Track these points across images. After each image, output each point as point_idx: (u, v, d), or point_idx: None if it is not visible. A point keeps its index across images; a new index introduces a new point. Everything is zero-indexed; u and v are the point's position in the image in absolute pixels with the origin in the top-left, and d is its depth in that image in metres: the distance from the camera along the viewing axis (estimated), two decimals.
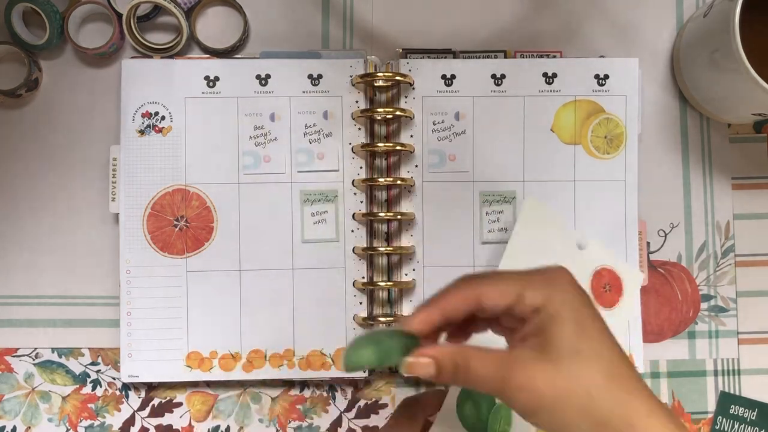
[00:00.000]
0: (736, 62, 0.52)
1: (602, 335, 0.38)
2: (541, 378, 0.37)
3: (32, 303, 0.61)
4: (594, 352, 0.38)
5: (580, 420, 0.37)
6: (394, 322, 0.59)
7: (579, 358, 0.37)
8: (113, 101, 0.62)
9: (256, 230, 0.60)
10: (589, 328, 0.38)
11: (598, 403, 0.37)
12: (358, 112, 0.60)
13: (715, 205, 0.63)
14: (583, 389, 0.37)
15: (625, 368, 0.38)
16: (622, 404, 0.37)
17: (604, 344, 0.38)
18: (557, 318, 0.38)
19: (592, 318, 0.39)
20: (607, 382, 0.37)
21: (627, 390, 0.37)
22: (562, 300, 0.38)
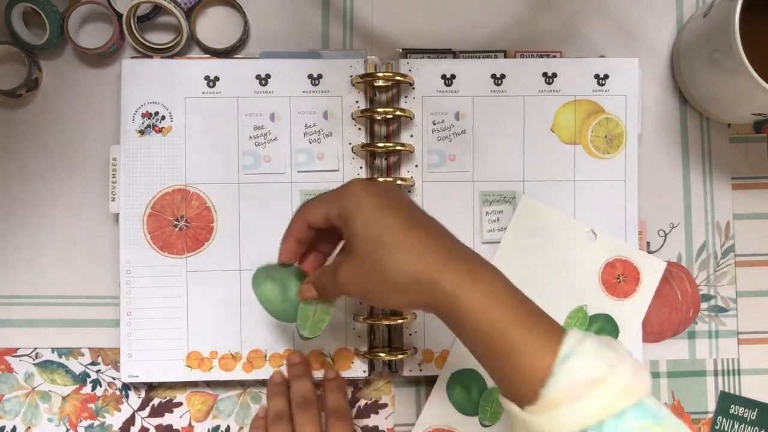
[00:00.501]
0: (736, 62, 0.52)
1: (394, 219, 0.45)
2: (350, 272, 0.46)
3: (32, 303, 0.61)
4: (382, 236, 0.44)
5: (393, 292, 0.44)
6: (394, 321, 0.59)
7: (371, 245, 0.44)
8: (113, 101, 0.62)
9: (256, 230, 0.60)
10: (378, 219, 0.45)
11: (395, 276, 0.43)
12: (358, 112, 0.60)
13: (715, 205, 0.63)
14: (378, 268, 0.44)
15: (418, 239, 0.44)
16: (418, 267, 0.43)
17: (393, 226, 0.44)
18: (350, 220, 0.46)
19: (381, 209, 0.45)
20: (400, 254, 0.43)
21: (421, 254, 0.43)
22: (352, 206, 0.46)
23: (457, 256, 0.44)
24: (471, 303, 0.42)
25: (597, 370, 0.39)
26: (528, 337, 0.41)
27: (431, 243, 0.44)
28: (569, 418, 0.38)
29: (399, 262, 0.43)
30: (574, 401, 0.38)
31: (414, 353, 0.60)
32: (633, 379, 0.39)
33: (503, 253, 0.60)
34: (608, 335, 0.57)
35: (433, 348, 0.60)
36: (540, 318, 0.42)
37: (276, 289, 0.54)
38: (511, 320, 0.41)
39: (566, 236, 0.60)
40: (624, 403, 0.38)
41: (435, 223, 0.46)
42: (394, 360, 0.60)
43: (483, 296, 0.42)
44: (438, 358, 0.60)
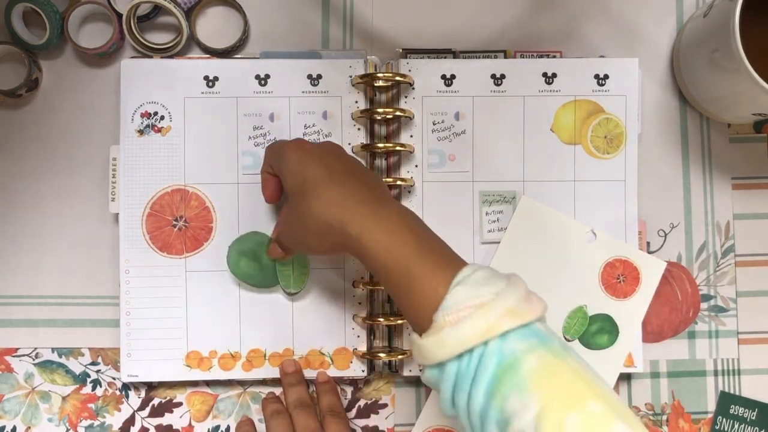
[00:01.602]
0: (736, 62, 0.52)
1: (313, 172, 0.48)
2: (284, 222, 0.54)
3: (32, 303, 0.61)
4: (303, 187, 0.48)
5: (312, 237, 0.49)
6: (394, 321, 0.59)
7: (296, 196, 0.49)
8: (113, 101, 0.62)
9: (256, 230, 0.60)
10: (301, 172, 0.49)
11: (312, 222, 0.47)
12: (358, 113, 0.60)
13: (715, 205, 0.63)
14: (300, 217, 0.48)
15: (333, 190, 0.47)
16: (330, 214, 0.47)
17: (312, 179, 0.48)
18: (281, 173, 0.51)
19: (305, 162, 0.49)
20: (316, 203, 0.47)
21: (333, 203, 0.47)
22: (283, 160, 0.51)
23: (367, 202, 0.47)
24: (374, 243, 0.45)
25: (483, 296, 0.41)
26: (425, 270, 0.43)
27: (342, 192, 0.47)
28: (453, 338, 0.40)
29: (315, 211, 0.47)
30: (458, 322, 0.40)
31: None
32: (520, 303, 0.41)
33: (503, 254, 0.60)
34: (608, 335, 0.58)
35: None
36: (439, 253, 0.45)
37: (250, 262, 0.59)
38: (410, 255, 0.44)
39: (566, 236, 0.60)
40: (507, 325, 0.40)
41: (355, 176, 0.49)
42: (394, 360, 0.60)
43: (385, 235, 0.45)
44: None
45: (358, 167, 0.51)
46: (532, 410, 0.38)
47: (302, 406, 0.57)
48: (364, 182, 0.49)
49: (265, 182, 0.56)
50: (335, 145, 0.52)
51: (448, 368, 0.41)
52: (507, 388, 0.39)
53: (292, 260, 0.59)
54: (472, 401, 0.40)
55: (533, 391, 0.38)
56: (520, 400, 0.38)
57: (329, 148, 0.52)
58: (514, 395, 0.39)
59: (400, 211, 0.47)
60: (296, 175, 0.49)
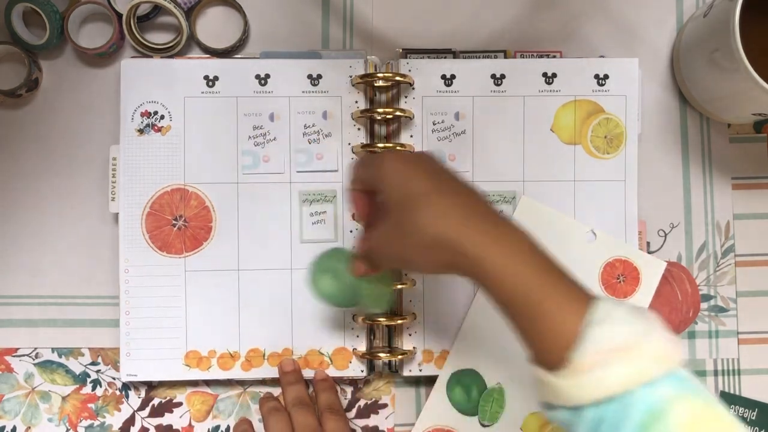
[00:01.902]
0: (736, 62, 0.52)
1: (421, 182, 0.44)
2: (381, 237, 0.47)
3: (32, 303, 0.61)
4: (409, 199, 0.44)
5: (419, 253, 0.44)
6: (394, 321, 0.59)
7: (400, 209, 0.45)
8: (113, 101, 0.62)
9: (255, 230, 0.60)
10: (406, 183, 0.45)
11: (420, 237, 0.43)
12: (358, 113, 0.60)
13: (715, 205, 0.63)
14: (405, 231, 0.44)
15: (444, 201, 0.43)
16: (442, 228, 0.42)
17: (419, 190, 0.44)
18: (382, 185, 0.46)
19: (408, 174, 0.45)
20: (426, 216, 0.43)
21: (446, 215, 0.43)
22: (384, 171, 0.46)
23: (483, 217, 0.43)
24: (494, 264, 0.41)
25: (628, 337, 0.38)
26: (554, 300, 0.40)
27: (457, 205, 0.43)
28: (596, 383, 0.37)
29: (424, 224, 0.43)
30: (603, 367, 0.37)
31: (414, 353, 0.60)
32: (666, 348, 0.38)
33: None
34: None
35: (433, 348, 0.60)
36: (567, 281, 0.41)
37: (331, 279, 0.55)
38: (537, 282, 0.40)
39: (566, 236, 0.60)
40: (655, 372, 0.37)
41: (463, 188, 0.45)
42: (394, 360, 0.60)
43: (507, 258, 0.41)
44: (438, 358, 0.60)
45: (462, 178, 0.46)
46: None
47: (301, 404, 0.56)
48: (475, 194, 0.45)
49: (355, 199, 0.51)
50: (433, 156, 0.48)
51: (586, 413, 0.38)
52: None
53: (376, 279, 0.54)
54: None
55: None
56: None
57: (429, 157, 0.48)
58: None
59: (524, 232, 0.43)
60: (398, 186, 0.45)
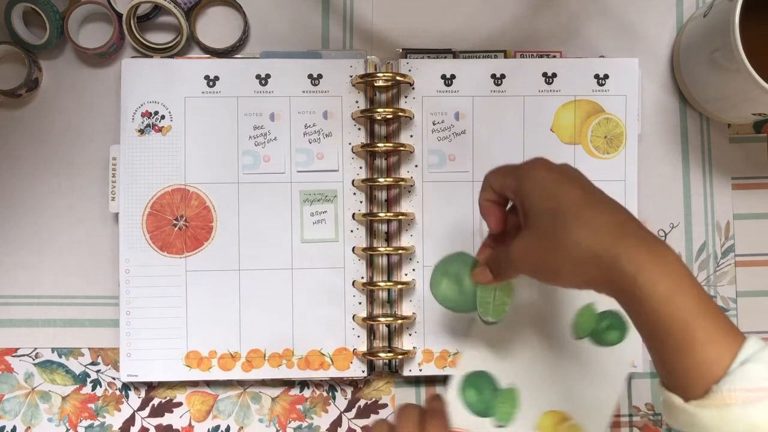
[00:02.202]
0: (736, 62, 0.52)
1: (573, 194, 0.44)
2: (525, 246, 0.45)
3: (32, 303, 0.61)
4: (561, 210, 0.43)
5: (568, 267, 0.42)
6: (394, 321, 0.59)
7: (549, 219, 0.44)
8: (113, 101, 0.62)
9: (256, 230, 0.60)
10: (558, 193, 0.44)
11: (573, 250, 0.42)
12: (358, 112, 0.60)
13: (715, 205, 0.63)
14: (555, 243, 0.43)
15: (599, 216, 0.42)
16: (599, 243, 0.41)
17: (572, 201, 0.43)
18: (528, 193, 0.45)
19: (560, 183, 0.45)
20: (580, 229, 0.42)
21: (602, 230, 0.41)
22: (531, 179, 0.46)
23: (638, 235, 0.42)
24: (651, 286, 0.40)
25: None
26: (708, 332, 0.39)
27: (612, 221, 0.42)
28: (743, 418, 0.37)
29: (579, 237, 0.42)
30: (747, 403, 0.37)
31: (414, 353, 0.60)
32: None
33: None
34: (617, 331, 0.57)
35: (433, 348, 0.60)
36: (720, 315, 0.40)
37: (452, 284, 0.54)
38: (693, 311, 0.39)
39: None
40: None
41: (614, 202, 0.45)
42: (394, 360, 0.60)
43: (665, 280, 0.40)
44: (438, 358, 0.60)
45: (608, 195, 0.46)
46: None
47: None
48: (625, 210, 0.44)
49: (489, 210, 0.50)
50: (577, 168, 0.48)
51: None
52: None
53: (495, 288, 0.54)
54: None
55: None
56: None
57: (575, 169, 0.47)
58: None
59: (678, 256, 0.41)
60: (548, 197, 0.44)
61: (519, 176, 0.47)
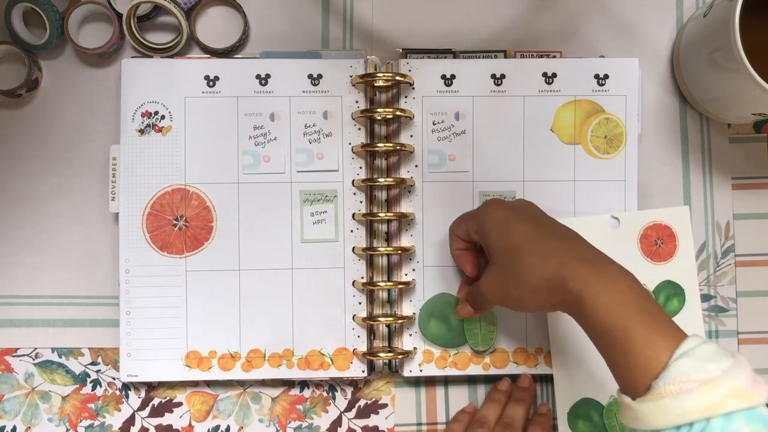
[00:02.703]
0: (736, 62, 0.52)
1: (524, 228, 0.50)
2: (490, 280, 0.52)
3: (32, 303, 0.61)
4: (514, 245, 0.49)
5: (527, 294, 0.48)
6: (394, 321, 0.59)
7: (506, 254, 0.50)
8: (113, 101, 0.62)
9: (256, 230, 0.60)
10: (510, 230, 0.50)
11: (528, 278, 0.48)
12: (358, 112, 0.60)
13: (715, 205, 0.63)
14: (513, 274, 0.49)
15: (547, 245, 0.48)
16: (548, 269, 0.47)
17: (523, 235, 0.49)
18: (486, 234, 0.52)
19: (511, 221, 0.51)
20: (532, 259, 0.48)
21: (550, 258, 0.47)
22: (486, 221, 0.52)
23: (582, 257, 0.47)
24: (594, 300, 0.44)
25: (712, 371, 0.40)
26: (647, 335, 0.42)
27: (560, 247, 0.48)
28: (675, 409, 0.39)
29: (531, 266, 0.48)
30: (682, 394, 0.39)
31: (414, 353, 0.60)
32: (748, 385, 0.40)
33: None
34: (676, 298, 0.60)
35: (432, 348, 0.60)
36: (660, 318, 0.43)
37: (439, 323, 0.60)
38: (632, 317, 0.43)
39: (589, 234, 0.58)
40: (733, 405, 0.39)
41: (563, 229, 0.50)
42: (394, 360, 0.60)
43: (606, 294, 0.44)
44: (438, 358, 0.60)
45: (560, 224, 0.52)
46: None
47: (510, 429, 0.58)
48: (575, 237, 0.50)
49: (462, 259, 0.57)
50: (532, 204, 0.54)
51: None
52: None
53: (480, 319, 0.60)
54: None
55: None
56: None
57: (528, 205, 0.54)
58: None
59: (621, 270, 0.46)
60: (504, 234, 0.51)
61: (478, 219, 0.53)
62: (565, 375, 0.60)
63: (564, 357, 0.59)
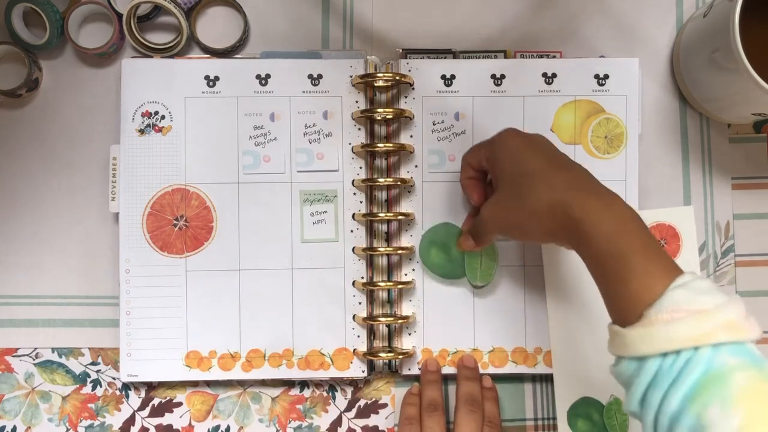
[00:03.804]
0: (736, 62, 0.52)
1: (536, 157, 0.50)
2: (493, 207, 0.52)
3: (32, 303, 0.61)
4: (524, 171, 0.49)
5: (531, 219, 0.49)
6: (394, 321, 0.59)
7: (515, 180, 0.50)
8: (113, 101, 0.62)
9: (256, 230, 0.60)
10: (522, 157, 0.50)
11: (534, 204, 0.48)
12: (358, 113, 0.60)
13: (715, 205, 0.63)
14: (519, 200, 0.49)
15: (556, 175, 0.48)
16: (553, 196, 0.47)
17: (534, 164, 0.49)
18: (498, 160, 0.52)
19: (525, 149, 0.51)
20: (539, 186, 0.48)
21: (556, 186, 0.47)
22: (500, 147, 0.52)
23: (590, 188, 0.47)
24: (597, 228, 0.44)
25: (705, 303, 0.40)
26: (645, 266, 0.42)
27: (570, 177, 0.48)
28: (663, 335, 0.40)
29: (538, 192, 0.48)
30: (672, 322, 0.40)
31: (414, 353, 0.60)
32: (739, 320, 0.40)
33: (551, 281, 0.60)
34: None
35: (432, 348, 0.60)
36: (660, 253, 0.43)
37: (440, 252, 0.60)
38: (633, 248, 0.43)
39: None
40: (723, 337, 0.39)
41: (576, 165, 0.50)
42: (394, 360, 0.60)
43: (609, 223, 0.44)
44: (438, 357, 0.60)
45: (572, 160, 0.52)
46: (734, 423, 0.37)
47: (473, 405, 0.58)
48: (584, 171, 0.50)
49: (470, 186, 0.57)
50: (546, 138, 0.53)
51: (649, 364, 0.40)
52: (709, 397, 0.38)
53: (481, 253, 0.60)
54: (667, 402, 0.39)
55: (738, 406, 0.37)
56: (721, 411, 0.37)
57: (544, 139, 0.53)
58: (716, 405, 0.37)
59: (626, 206, 0.46)
60: (516, 162, 0.51)
61: (492, 146, 0.53)
62: (565, 374, 0.60)
63: (564, 356, 0.60)
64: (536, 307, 0.61)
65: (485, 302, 0.61)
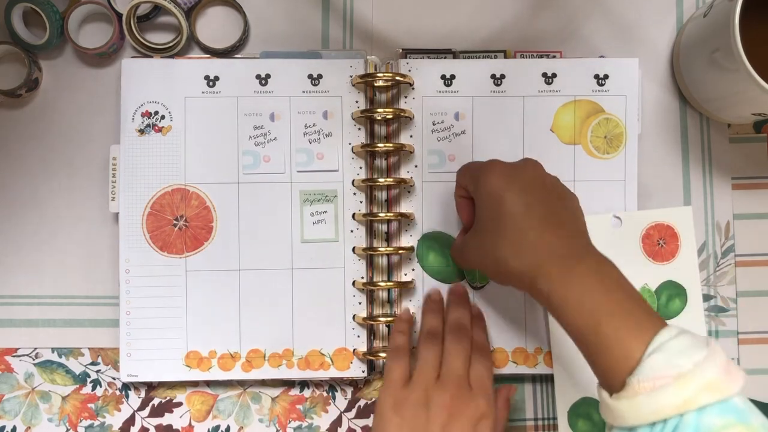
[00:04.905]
0: (736, 62, 0.52)
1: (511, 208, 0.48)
2: (471, 249, 0.53)
3: (32, 303, 0.61)
4: (497, 225, 0.48)
5: (501, 277, 0.49)
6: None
7: (489, 229, 0.49)
8: (113, 101, 0.62)
9: (256, 230, 0.60)
10: (499, 204, 0.49)
11: (503, 267, 0.48)
12: (358, 113, 0.60)
13: (715, 205, 0.63)
14: (491, 255, 0.49)
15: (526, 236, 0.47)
16: (520, 265, 0.47)
17: (508, 216, 0.48)
18: (477, 197, 0.51)
19: (505, 192, 0.49)
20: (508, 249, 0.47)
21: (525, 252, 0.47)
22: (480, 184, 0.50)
23: (561, 254, 0.46)
24: (565, 300, 0.45)
25: (684, 366, 0.40)
26: (617, 333, 0.42)
27: (539, 241, 0.47)
28: (648, 406, 0.40)
29: (506, 256, 0.47)
30: (654, 391, 0.40)
31: None
32: (720, 377, 0.40)
33: None
34: (678, 298, 0.59)
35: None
36: (632, 311, 0.43)
37: (438, 257, 0.60)
38: (602, 316, 0.43)
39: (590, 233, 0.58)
40: (706, 399, 0.39)
41: (551, 212, 0.49)
42: None
43: (575, 291, 0.44)
44: None
45: (557, 196, 0.50)
46: None
47: (460, 332, 0.56)
48: (562, 222, 0.49)
49: (461, 206, 0.56)
50: (536, 170, 0.51)
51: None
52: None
53: None
54: None
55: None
56: None
57: (531, 176, 0.50)
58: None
59: (599, 261, 0.46)
60: (493, 203, 0.49)
61: (475, 178, 0.51)
62: (565, 374, 0.60)
63: (564, 356, 0.60)
64: (536, 307, 0.61)
65: (485, 303, 0.61)
